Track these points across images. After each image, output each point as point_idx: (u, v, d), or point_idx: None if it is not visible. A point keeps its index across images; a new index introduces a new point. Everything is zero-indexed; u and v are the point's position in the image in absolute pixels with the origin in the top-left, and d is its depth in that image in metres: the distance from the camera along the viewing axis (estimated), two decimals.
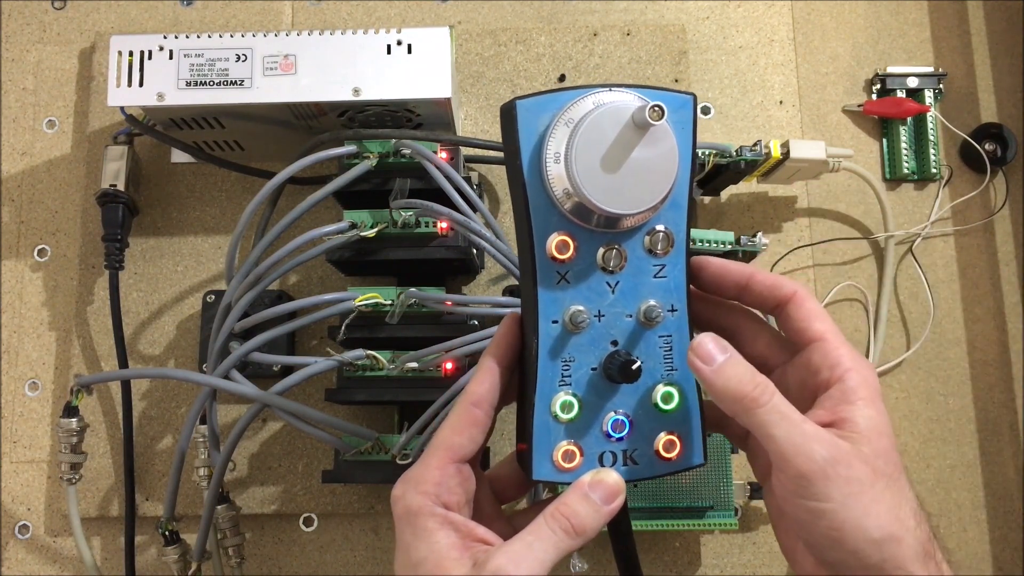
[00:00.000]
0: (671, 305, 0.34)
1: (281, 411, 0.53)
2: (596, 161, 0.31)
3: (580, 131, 0.31)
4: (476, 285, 0.63)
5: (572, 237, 0.33)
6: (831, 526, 0.30)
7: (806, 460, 0.30)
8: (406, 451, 0.53)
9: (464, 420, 0.34)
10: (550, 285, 0.33)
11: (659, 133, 0.32)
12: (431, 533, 0.32)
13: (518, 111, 0.32)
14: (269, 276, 0.54)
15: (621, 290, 0.34)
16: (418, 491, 0.33)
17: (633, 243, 0.34)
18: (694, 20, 0.68)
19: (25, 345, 0.64)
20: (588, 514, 0.32)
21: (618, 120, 0.31)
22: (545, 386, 0.34)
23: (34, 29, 0.68)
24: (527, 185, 0.32)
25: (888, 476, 0.31)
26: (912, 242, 0.64)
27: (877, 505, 0.30)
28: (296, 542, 0.61)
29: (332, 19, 0.68)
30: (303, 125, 0.58)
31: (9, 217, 0.65)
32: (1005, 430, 0.63)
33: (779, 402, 0.31)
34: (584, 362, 0.34)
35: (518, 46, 0.66)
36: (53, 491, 0.62)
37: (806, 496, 0.30)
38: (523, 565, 0.31)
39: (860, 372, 0.33)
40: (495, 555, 0.31)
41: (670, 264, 0.34)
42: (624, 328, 0.34)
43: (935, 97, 0.66)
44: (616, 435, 0.34)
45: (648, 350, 0.34)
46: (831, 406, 0.32)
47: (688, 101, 0.33)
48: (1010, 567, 0.61)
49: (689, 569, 0.60)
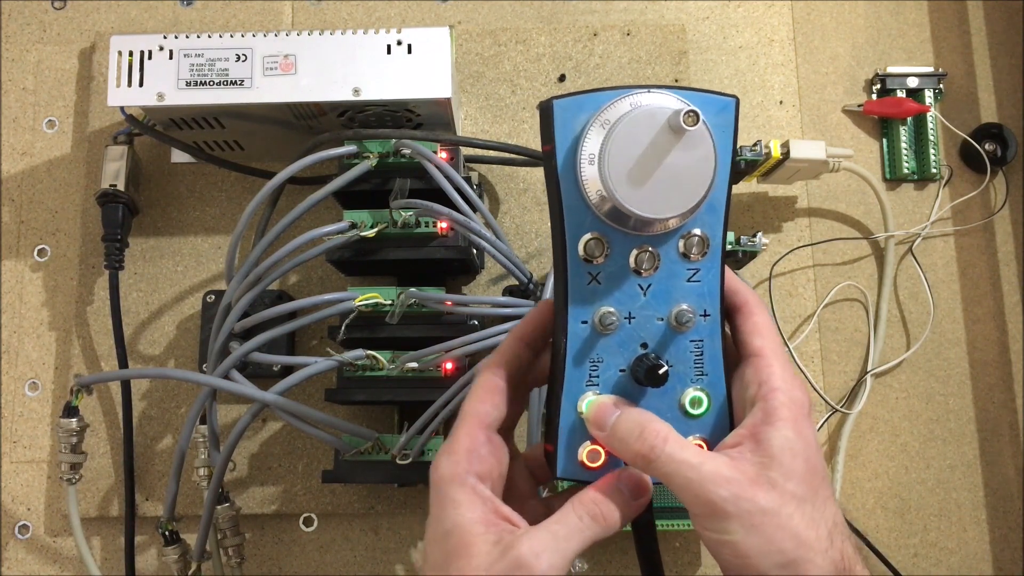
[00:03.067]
0: (704, 310, 0.34)
1: (281, 411, 0.53)
2: (630, 165, 0.31)
3: (615, 134, 0.31)
4: (476, 285, 0.63)
5: (605, 238, 0.33)
6: (735, 554, 0.30)
7: (706, 503, 0.30)
8: (406, 451, 0.53)
9: (485, 388, 0.34)
10: (581, 286, 0.33)
11: (695, 138, 0.31)
12: (458, 504, 0.32)
13: (555, 110, 0.32)
14: (269, 276, 0.54)
15: (653, 293, 0.34)
16: (449, 459, 0.33)
17: (667, 246, 0.33)
18: (694, 20, 0.68)
19: (25, 345, 0.64)
20: (616, 504, 0.33)
21: (654, 123, 0.31)
22: (572, 385, 0.34)
23: (34, 29, 0.68)
24: (561, 185, 0.32)
25: (799, 499, 0.31)
26: (912, 242, 0.64)
27: (782, 532, 0.30)
28: (296, 542, 0.61)
29: (332, 19, 0.68)
30: (303, 125, 0.58)
31: (9, 217, 0.65)
32: (1005, 430, 0.63)
33: (673, 450, 0.31)
34: (612, 364, 0.34)
35: (518, 46, 0.66)
36: (53, 491, 0.62)
37: (710, 529, 0.31)
38: (545, 556, 0.31)
39: (787, 392, 0.33)
40: (518, 542, 0.31)
41: (704, 268, 0.34)
42: (655, 331, 0.34)
43: (935, 97, 0.66)
44: None
45: (678, 354, 0.34)
46: (751, 424, 0.32)
47: (730, 104, 0.33)
48: (1010, 567, 0.61)
49: (689, 569, 0.60)
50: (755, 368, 0.34)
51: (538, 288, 0.55)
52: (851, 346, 0.64)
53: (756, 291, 0.62)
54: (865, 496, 0.62)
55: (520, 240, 0.64)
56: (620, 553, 0.60)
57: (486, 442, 0.34)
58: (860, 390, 0.62)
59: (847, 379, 0.63)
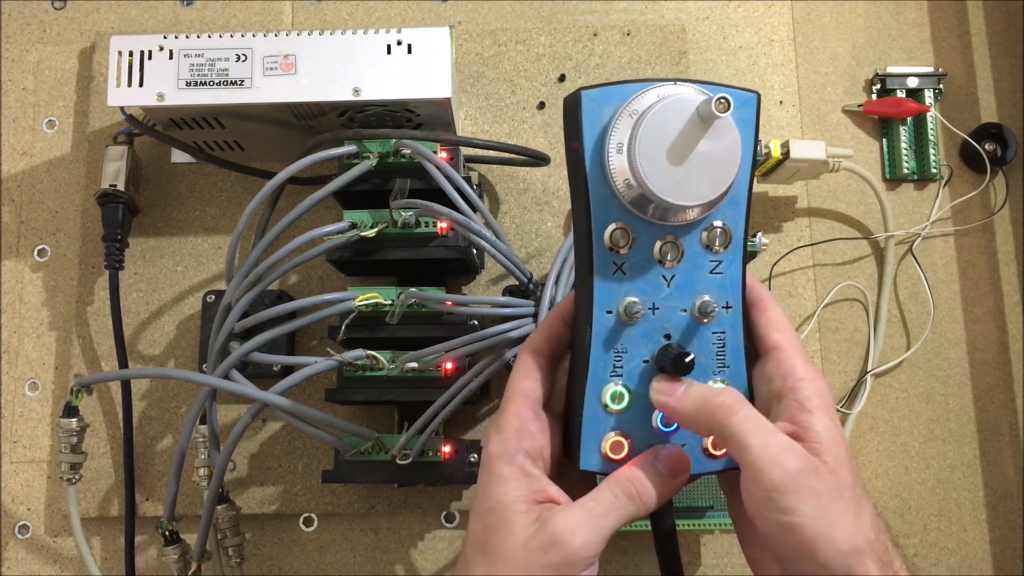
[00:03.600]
0: (726, 302, 0.34)
1: (281, 411, 0.53)
2: (660, 152, 0.31)
3: (644, 122, 0.31)
4: (476, 285, 0.63)
5: (631, 228, 0.33)
6: (802, 540, 0.30)
7: (780, 471, 0.30)
8: (406, 451, 0.53)
9: (528, 366, 0.35)
10: (606, 275, 0.33)
11: (723, 126, 0.32)
12: (504, 482, 0.33)
13: (583, 101, 0.33)
14: (269, 276, 0.54)
15: (677, 284, 0.34)
16: (498, 437, 0.34)
17: (691, 238, 0.34)
18: (694, 20, 0.68)
19: (25, 345, 0.64)
20: (652, 482, 0.33)
21: (683, 112, 0.31)
22: (596, 376, 0.34)
23: (34, 29, 0.68)
24: (588, 174, 0.33)
25: (850, 487, 0.31)
26: (912, 242, 0.64)
27: (843, 517, 0.30)
28: (296, 542, 0.61)
29: (332, 19, 0.68)
30: (303, 125, 0.58)
31: (9, 217, 0.65)
32: (1005, 430, 0.63)
33: (751, 411, 0.32)
34: (636, 354, 0.34)
35: (518, 46, 0.66)
36: (53, 491, 0.62)
37: (777, 510, 0.30)
38: (580, 532, 0.31)
39: (814, 383, 0.33)
40: (554, 518, 0.31)
41: (727, 260, 0.34)
42: (678, 322, 0.34)
43: (935, 97, 0.66)
44: (666, 429, 0.34)
45: (701, 346, 0.34)
46: (790, 416, 0.32)
47: (752, 99, 0.33)
48: (1010, 567, 0.61)
49: (689, 569, 0.60)
50: (776, 362, 0.34)
51: (538, 288, 0.55)
52: (851, 346, 0.64)
53: None
54: None
55: (520, 240, 0.64)
56: (620, 553, 0.60)
57: (534, 419, 0.34)
58: (860, 390, 0.62)
59: (847, 379, 0.63)
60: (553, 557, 0.31)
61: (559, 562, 0.31)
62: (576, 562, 0.31)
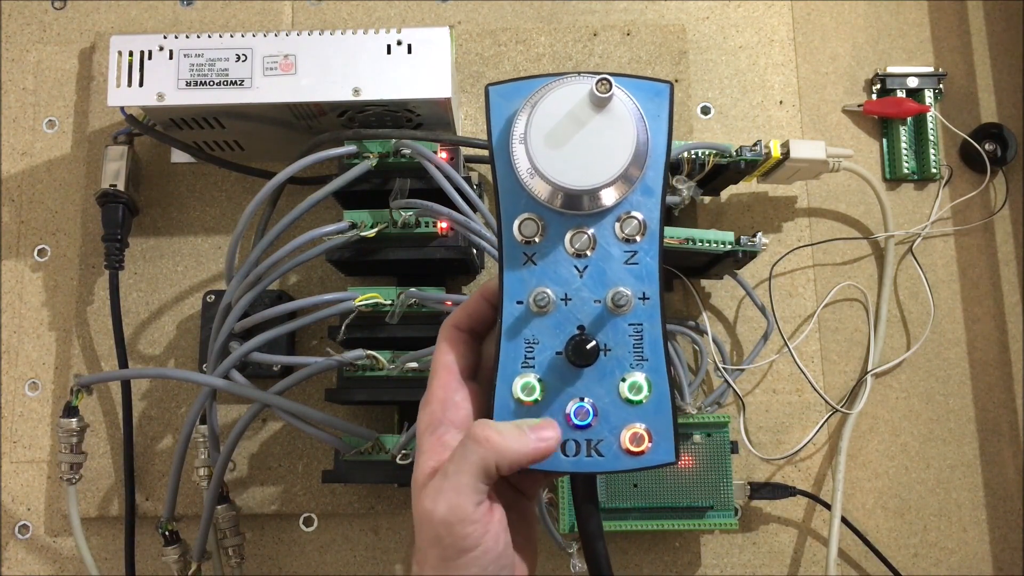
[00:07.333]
0: (642, 292, 0.34)
1: (281, 411, 0.53)
2: (552, 137, 0.32)
3: (537, 108, 0.32)
4: (476, 285, 0.63)
5: (540, 219, 0.33)
6: None
7: None
8: (406, 451, 0.53)
9: (449, 340, 0.35)
10: (516, 266, 0.34)
11: (613, 109, 0.32)
12: (422, 454, 0.33)
13: (490, 96, 0.33)
14: (269, 276, 0.54)
15: (590, 274, 0.34)
16: (427, 411, 0.34)
17: (603, 228, 0.33)
18: (694, 20, 0.68)
19: (25, 345, 0.64)
20: (503, 429, 0.32)
21: (573, 97, 0.32)
22: (507, 367, 0.33)
23: (34, 29, 0.68)
24: (496, 166, 0.33)
25: None
26: (912, 242, 0.64)
27: None
28: (296, 542, 0.61)
29: (332, 19, 0.68)
30: (303, 125, 0.58)
31: (9, 217, 0.65)
32: (1005, 430, 0.63)
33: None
34: (549, 345, 0.33)
35: (518, 46, 0.66)
36: (53, 491, 0.62)
37: None
38: (441, 500, 0.31)
39: None
40: (421, 495, 0.31)
41: (642, 251, 0.34)
42: (592, 313, 0.34)
43: (935, 97, 0.66)
44: (579, 423, 0.33)
45: (617, 338, 0.33)
46: None
47: (664, 89, 0.33)
48: (1010, 567, 0.61)
49: (689, 569, 0.60)
50: None
51: None
52: (851, 346, 0.63)
53: (756, 291, 0.62)
54: (865, 496, 0.62)
55: None
56: (619, 553, 0.60)
57: (458, 389, 0.34)
58: (860, 390, 0.62)
59: (847, 379, 0.63)
60: (444, 540, 0.30)
61: (449, 544, 0.30)
62: (464, 535, 0.30)
